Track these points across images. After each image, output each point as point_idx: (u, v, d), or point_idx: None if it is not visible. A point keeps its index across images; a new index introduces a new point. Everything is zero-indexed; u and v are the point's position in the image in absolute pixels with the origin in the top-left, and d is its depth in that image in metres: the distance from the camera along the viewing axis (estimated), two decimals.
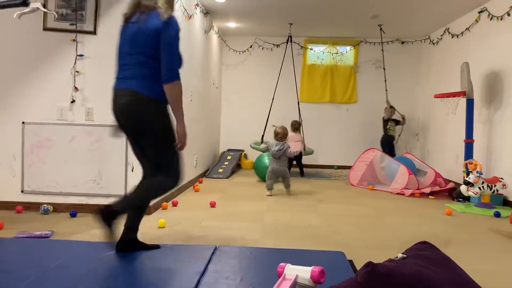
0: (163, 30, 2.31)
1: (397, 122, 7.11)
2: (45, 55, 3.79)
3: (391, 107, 7.02)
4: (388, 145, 6.96)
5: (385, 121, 7.07)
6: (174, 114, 2.42)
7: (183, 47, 4.86)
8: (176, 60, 2.38)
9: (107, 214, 2.20)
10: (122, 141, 3.73)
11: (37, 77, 3.80)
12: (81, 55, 3.76)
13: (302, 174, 6.75)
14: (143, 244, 2.52)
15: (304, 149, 6.67)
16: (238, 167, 7.55)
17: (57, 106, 3.80)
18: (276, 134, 5.20)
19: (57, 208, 3.77)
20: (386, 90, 7.04)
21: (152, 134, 2.36)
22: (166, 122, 2.40)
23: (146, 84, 2.33)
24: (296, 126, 6.72)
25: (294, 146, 6.23)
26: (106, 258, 2.30)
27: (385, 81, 7.10)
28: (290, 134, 6.27)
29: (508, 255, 2.94)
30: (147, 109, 2.33)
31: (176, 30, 2.36)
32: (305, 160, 7.42)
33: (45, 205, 3.71)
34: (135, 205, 2.45)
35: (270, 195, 4.97)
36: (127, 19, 2.46)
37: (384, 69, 7.12)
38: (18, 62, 3.80)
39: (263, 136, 6.84)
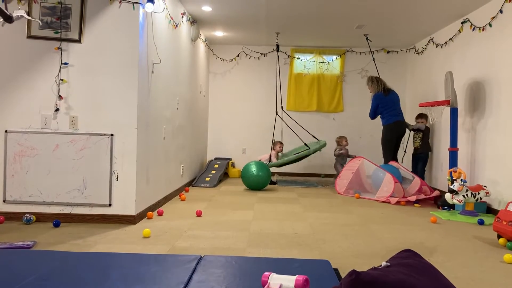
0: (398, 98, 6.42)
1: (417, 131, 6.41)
2: (29, 63, 3.75)
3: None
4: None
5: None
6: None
7: (170, 56, 4.87)
8: None
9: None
10: (107, 149, 3.72)
11: (20, 85, 3.76)
12: (66, 63, 3.73)
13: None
14: None
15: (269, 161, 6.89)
16: (225, 175, 7.53)
17: (41, 115, 3.75)
18: (337, 143, 7.23)
19: (40, 218, 3.72)
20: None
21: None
22: None
23: None
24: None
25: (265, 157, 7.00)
26: (89, 269, 2.27)
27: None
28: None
29: (490, 262, 2.97)
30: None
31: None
32: (293, 168, 7.46)
33: (28, 215, 3.65)
34: None
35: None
36: (387, 93, 6.28)
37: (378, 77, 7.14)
38: (1, 70, 3.76)
39: (270, 156, 6.94)
